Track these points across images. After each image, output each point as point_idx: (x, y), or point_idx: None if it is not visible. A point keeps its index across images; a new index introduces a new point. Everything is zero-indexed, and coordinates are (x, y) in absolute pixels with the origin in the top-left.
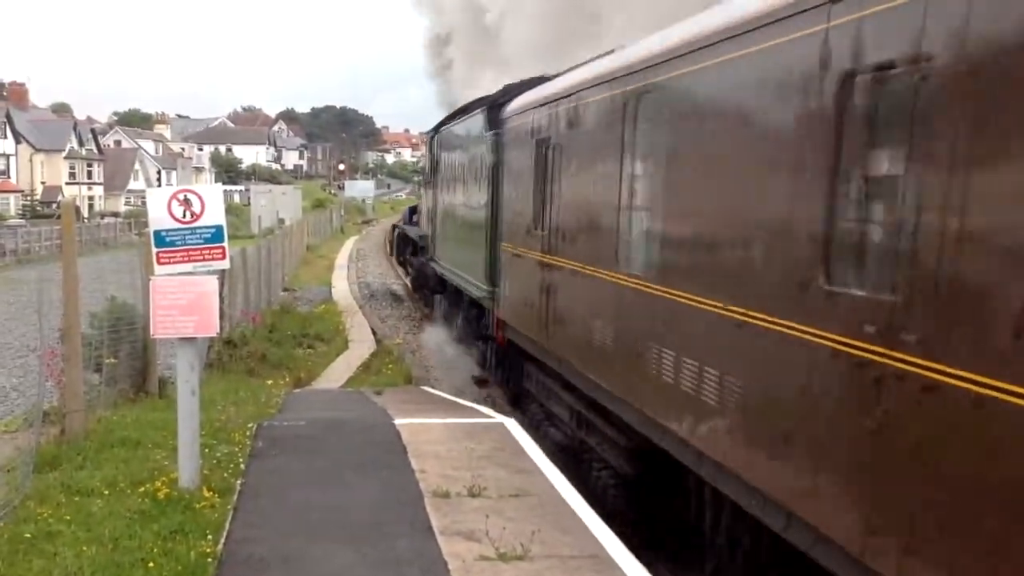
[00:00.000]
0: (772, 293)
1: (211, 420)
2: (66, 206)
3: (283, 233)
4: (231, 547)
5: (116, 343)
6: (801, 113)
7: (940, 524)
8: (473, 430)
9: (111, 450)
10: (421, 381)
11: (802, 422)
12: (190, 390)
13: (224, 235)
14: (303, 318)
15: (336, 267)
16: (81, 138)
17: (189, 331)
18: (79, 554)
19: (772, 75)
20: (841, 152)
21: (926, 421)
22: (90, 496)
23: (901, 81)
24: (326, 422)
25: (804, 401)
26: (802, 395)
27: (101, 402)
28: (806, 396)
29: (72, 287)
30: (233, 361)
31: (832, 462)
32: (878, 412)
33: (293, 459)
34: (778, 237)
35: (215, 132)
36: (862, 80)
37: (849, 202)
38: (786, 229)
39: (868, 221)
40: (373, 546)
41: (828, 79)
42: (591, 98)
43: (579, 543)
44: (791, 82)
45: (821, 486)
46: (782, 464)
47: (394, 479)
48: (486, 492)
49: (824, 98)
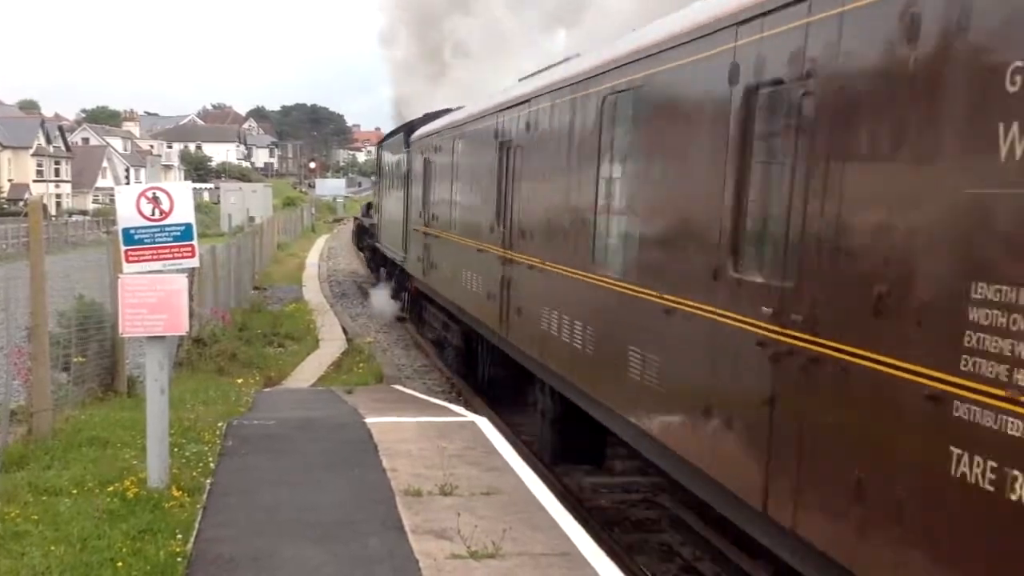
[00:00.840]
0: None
1: (180, 419)
2: (33, 204)
3: (253, 231)
4: (201, 546)
5: (84, 342)
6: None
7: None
8: (445, 428)
9: (79, 449)
10: (392, 380)
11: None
12: (159, 389)
13: (193, 233)
14: (274, 317)
15: (307, 265)
16: (49, 135)
17: (158, 329)
18: (47, 554)
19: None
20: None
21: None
22: (58, 496)
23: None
24: (297, 421)
25: (722, 376)
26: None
27: (69, 401)
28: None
29: (39, 285)
30: (203, 360)
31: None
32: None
33: (263, 458)
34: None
35: (184, 130)
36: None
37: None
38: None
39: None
40: (344, 545)
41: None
42: (449, 133)
43: (550, 540)
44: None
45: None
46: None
47: (365, 478)
48: (458, 490)
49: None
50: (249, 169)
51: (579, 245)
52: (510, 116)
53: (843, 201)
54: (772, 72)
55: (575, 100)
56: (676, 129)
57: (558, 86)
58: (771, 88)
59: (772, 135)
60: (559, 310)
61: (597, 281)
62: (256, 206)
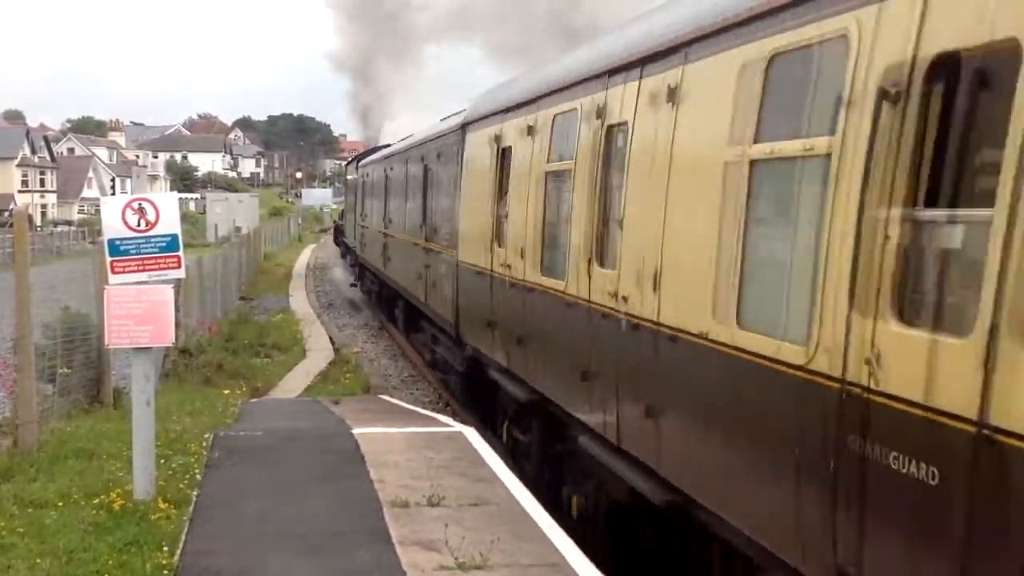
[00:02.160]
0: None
1: (167, 431)
2: (18, 215)
3: (240, 241)
4: (187, 559)
5: (70, 353)
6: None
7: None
8: (432, 439)
9: (65, 462)
10: (379, 390)
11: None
12: (145, 400)
13: (179, 244)
14: (260, 327)
15: (294, 276)
16: (34, 145)
17: (144, 341)
18: (33, 567)
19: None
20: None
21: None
22: (44, 508)
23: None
24: (284, 432)
25: (594, 347)
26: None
27: (55, 413)
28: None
29: (24, 297)
30: (189, 371)
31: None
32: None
33: (250, 469)
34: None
35: (170, 140)
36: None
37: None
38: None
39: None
40: (331, 557)
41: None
42: (366, 167)
43: (539, 551)
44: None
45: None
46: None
47: (352, 489)
48: (445, 501)
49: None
50: (235, 179)
51: (415, 225)
52: (386, 162)
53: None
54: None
55: (406, 159)
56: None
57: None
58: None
59: (612, 162)
60: (402, 256)
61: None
62: (242, 216)
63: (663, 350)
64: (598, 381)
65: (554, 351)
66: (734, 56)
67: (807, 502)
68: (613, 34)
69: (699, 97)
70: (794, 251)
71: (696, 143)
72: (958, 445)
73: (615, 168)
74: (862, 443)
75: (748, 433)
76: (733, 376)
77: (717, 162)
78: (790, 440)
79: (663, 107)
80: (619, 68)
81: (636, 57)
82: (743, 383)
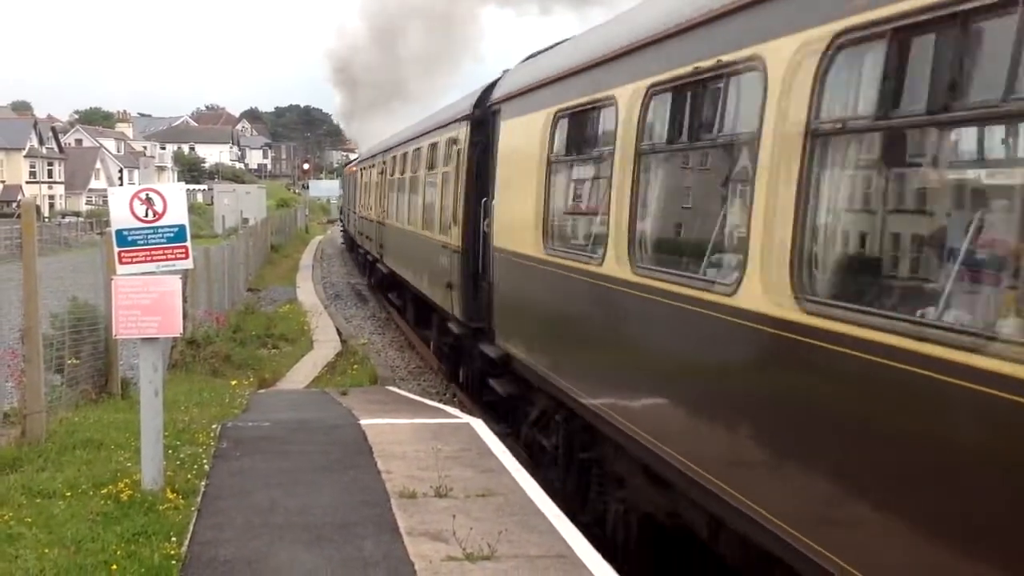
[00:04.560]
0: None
1: (174, 421)
2: (27, 205)
3: (247, 233)
4: (195, 549)
5: (78, 343)
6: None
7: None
8: (439, 430)
9: (73, 452)
10: (386, 381)
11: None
12: (153, 391)
13: (187, 234)
14: (267, 318)
15: (301, 267)
16: (41, 136)
17: (152, 331)
18: (41, 556)
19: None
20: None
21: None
22: (52, 498)
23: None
24: (291, 423)
25: (556, 302)
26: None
27: (63, 403)
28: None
29: (33, 287)
30: (196, 362)
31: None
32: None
33: (258, 460)
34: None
35: (178, 131)
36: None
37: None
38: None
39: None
40: (339, 547)
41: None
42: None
43: (546, 542)
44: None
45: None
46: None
47: (360, 480)
48: (452, 492)
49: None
50: (243, 170)
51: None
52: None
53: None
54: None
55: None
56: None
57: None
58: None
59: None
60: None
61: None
62: (250, 207)
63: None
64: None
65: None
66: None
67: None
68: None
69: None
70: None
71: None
72: None
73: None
74: None
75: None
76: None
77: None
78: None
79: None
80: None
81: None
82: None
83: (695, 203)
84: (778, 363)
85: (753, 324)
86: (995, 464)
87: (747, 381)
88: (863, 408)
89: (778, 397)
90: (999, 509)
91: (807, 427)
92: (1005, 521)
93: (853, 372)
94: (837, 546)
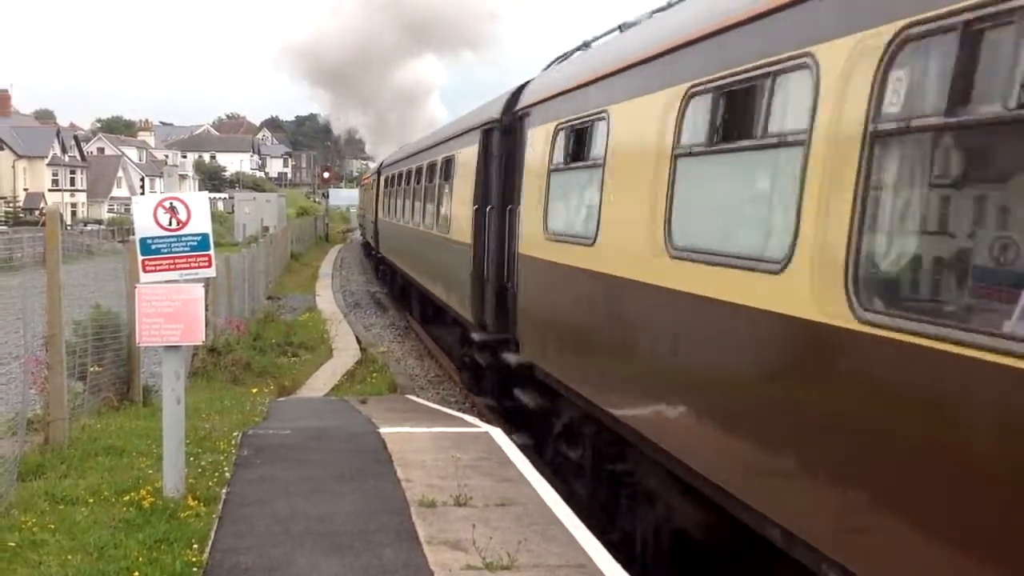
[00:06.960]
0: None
1: (196, 428)
2: (51, 213)
3: (267, 241)
4: (216, 556)
5: (100, 351)
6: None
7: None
8: (459, 439)
9: (95, 458)
10: (406, 390)
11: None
12: (175, 398)
13: (210, 243)
14: (287, 326)
15: (320, 275)
16: (64, 145)
17: (175, 339)
18: (64, 563)
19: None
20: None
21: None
22: (74, 505)
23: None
24: (311, 431)
25: (547, 284)
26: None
27: (85, 410)
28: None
29: (56, 294)
30: (217, 369)
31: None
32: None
33: (278, 468)
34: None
35: (199, 139)
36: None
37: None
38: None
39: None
40: (358, 556)
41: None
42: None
43: (566, 552)
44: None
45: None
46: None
47: (379, 488)
48: (472, 501)
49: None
50: (263, 179)
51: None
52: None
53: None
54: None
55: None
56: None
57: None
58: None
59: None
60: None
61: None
62: (270, 216)
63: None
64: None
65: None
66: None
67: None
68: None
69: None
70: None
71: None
72: None
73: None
74: None
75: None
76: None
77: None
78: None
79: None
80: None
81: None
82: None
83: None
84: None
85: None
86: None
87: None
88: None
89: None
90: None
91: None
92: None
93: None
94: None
